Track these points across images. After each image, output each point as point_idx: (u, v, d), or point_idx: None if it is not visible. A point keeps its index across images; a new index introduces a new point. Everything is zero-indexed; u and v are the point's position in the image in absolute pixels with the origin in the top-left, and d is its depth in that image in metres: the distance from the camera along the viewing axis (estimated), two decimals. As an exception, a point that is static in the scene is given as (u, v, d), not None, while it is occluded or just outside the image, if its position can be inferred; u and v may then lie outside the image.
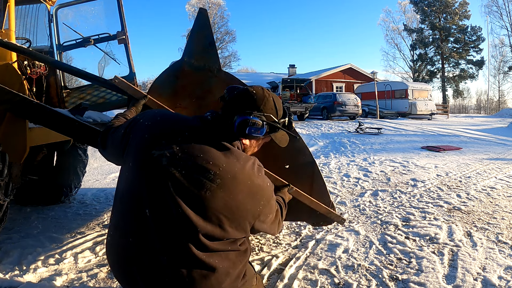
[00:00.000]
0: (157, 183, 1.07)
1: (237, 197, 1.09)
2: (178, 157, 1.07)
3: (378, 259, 2.48)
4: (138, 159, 1.12)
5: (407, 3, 40.21)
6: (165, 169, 1.06)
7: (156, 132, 1.12)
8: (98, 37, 3.75)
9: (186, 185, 1.05)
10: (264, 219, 1.23)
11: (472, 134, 11.28)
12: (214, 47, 2.08)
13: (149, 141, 1.11)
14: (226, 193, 1.06)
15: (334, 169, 5.94)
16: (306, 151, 2.16)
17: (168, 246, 1.09)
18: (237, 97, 1.22)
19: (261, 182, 1.17)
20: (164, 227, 1.09)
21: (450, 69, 38.45)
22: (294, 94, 16.94)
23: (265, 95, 1.24)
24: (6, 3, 2.84)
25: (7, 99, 2.20)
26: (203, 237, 1.08)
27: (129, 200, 1.14)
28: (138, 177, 1.11)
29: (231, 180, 1.07)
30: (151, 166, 1.08)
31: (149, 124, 1.16)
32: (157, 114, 1.21)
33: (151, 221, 1.08)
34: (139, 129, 1.16)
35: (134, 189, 1.12)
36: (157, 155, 1.07)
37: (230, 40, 41.57)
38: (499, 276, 2.17)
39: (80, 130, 2.24)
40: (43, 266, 2.44)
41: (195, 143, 1.09)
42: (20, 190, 3.58)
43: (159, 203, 1.08)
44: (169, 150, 1.07)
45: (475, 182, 4.70)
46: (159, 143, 1.09)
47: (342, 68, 28.97)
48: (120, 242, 1.15)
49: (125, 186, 1.16)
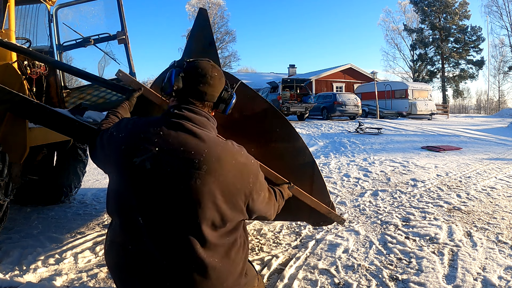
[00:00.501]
0: (146, 188, 1.09)
1: (226, 177, 1.11)
2: (160, 158, 1.08)
3: (378, 259, 2.48)
4: (121, 171, 1.13)
5: (407, 3, 40.25)
6: (150, 172, 1.08)
7: (131, 140, 1.13)
8: (98, 37, 3.75)
9: (175, 180, 1.07)
10: (257, 198, 1.25)
11: (472, 134, 11.28)
12: (214, 47, 2.08)
13: (127, 151, 1.12)
14: (214, 176, 1.08)
15: (334, 169, 5.94)
16: (306, 151, 2.16)
17: (165, 249, 1.10)
18: (196, 77, 1.24)
19: (245, 159, 1.20)
20: (159, 231, 1.10)
21: (450, 69, 38.49)
22: (294, 94, 16.93)
23: (218, 69, 1.30)
24: (6, 3, 2.84)
25: (7, 99, 2.20)
26: (203, 227, 1.09)
27: (122, 211, 1.16)
28: (126, 187, 1.13)
29: (216, 163, 1.09)
30: (136, 174, 1.09)
31: (123, 135, 1.16)
32: (128, 123, 1.21)
33: (145, 228, 1.10)
34: (114, 142, 1.17)
35: (123, 200, 1.14)
36: (139, 162, 1.09)
37: (230, 40, 41.63)
38: (499, 276, 2.17)
39: (80, 130, 2.24)
40: (43, 266, 2.44)
41: (172, 139, 1.10)
42: (20, 190, 3.58)
43: (151, 208, 1.10)
44: (149, 154, 1.09)
45: (475, 182, 4.70)
46: (138, 149, 1.10)
47: (342, 68, 28.98)
48: (119, 251, 1.18)
49: (115, 199, 1.19)
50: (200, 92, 1.22)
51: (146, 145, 1.10)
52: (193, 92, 1.22)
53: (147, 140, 1.11)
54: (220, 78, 1.27)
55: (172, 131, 1.12)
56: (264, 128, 2.11)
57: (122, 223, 1.17)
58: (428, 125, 14.57)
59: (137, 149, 1.10)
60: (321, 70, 30.29)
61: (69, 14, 3.89)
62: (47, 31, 3.83)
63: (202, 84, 1.22)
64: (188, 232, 1.09)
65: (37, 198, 3.96)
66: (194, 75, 1.23)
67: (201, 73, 1.23)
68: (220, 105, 1.29)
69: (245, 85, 2.11)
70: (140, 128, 1.16)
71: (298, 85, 17.43)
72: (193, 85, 1.22)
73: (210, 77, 1.23)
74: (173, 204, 1.08)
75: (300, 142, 2.14)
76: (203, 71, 1.23)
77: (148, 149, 1.09)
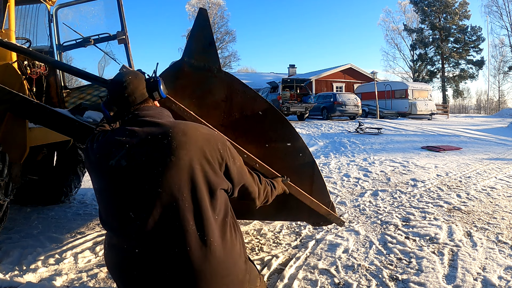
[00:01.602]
0: (129, 184, 1.15)
1: (196, 146, 1.18)
2: (132, 152, 1.15)
3: (378, 259, 2.48)
4: (102, 176, 1.20)
5: (407, 3, 40.24)
6: (128, 168, 1.14)
7: (103, 147, 1.21)
8: (98, 37, 3.75)
9: (153, 166, 1.13)
10: (232, 165, 1.32)
11: (472, 134, 11.28)
12: (214, 47, 2.08)
13: (102, 158, 1.19)
14: (186, 148, 1.16)
15: (334, 169, 5.94)
16: (306, 151, 2.16)
17: (161, 237, 1.14)
18: (118, 89, 1.34)
19: (208, 130, 1.28)
20: (152, 219, 1.14)
21: (450, 69, 38.47)
22: (294, 94, 16.92)
23: (120, 76, 1.40)
24: (6, 3, 2.84)
25: (7, 99, 2.20)
26: (193, 201, 1.14)
27: (113, 214, 1.20)
28: (111, 190, 1.19)
29: (183, 137, 1.17)
30: (117, 174, 1.16)
31: (96, 145, 1.24)
32: (100, 134, 1.30)
33: (138, 221, 1.14)
34: (92, 154, 1.25)
35: (112, 203, 1.19)
36: (115, 163, 1.16)
37: (230, 40, 41.59)
38: (499, 276, 2.17)
39: (80, 130, 2.24)
40: (43, 266, 2.44)
41: (139, 132, 1.18)
42: (20, 190, 3.58)
43: (139, 198, 1.14)
44: (122, 152, 1.16)
45: (475, 182, 4.70)
46: (111, 152, 1.17)
47: (342, 68, 28.96)
48: (117, 252, 1.21)
49: (104, 205, 1.24)
50: (131, 97, 1.31)
51: (117, 146, 1.17)
52: (127, 101, 1.31)
53: (117, 142, 1.18)
54: (136, 76, 1.36)
55: (136, 127, 1.20)
56: (264, 128, 2.11)
57: (115, 225, 1.20)
58: (428, 125, 14.57)
59: (110, 153, 1.18)
60: (321, 70, 30.27)
61: (69, 14, 3.89)
62: (47, 31, 3.83)
63: (125, 92, 1.31)
64: (180, 211, 1.13)
65: (37, 198, 3.96)
66: (115, 91, 1.33)
67: (117, 87, 1.33)
68: (154, 94, 1.36)
69: (245, 85, 2.11)
70: (109, 136, 1.23)
71: (298, 85, 17.42)
72: (122, 98, 1.31)
73: (125, 82, 1.32)
74: (158, 188, 1.13)
75: (300, 142, 2.14)
76: (117, 84, 1.33)
77: (119, 149, 1.17)
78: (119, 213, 1.17)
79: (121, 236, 1.18)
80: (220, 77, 2.07)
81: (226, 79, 2.08)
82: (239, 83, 2.09)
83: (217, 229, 1.19)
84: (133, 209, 1.14)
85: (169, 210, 1.13)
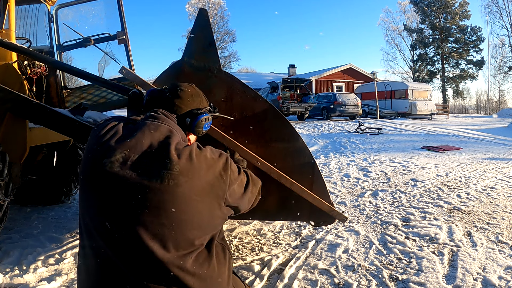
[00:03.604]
0: (113, 192, 1.02)
1: (199, 175, 1.08)
2: (130, 159, 1.03)
3: (378, 259, 2.48)
4: (90, 173, 1.06)
5: (407, 3, 40.26)
6: (119, 174, 1.02)
7: (104, 139, 1.09)
8: (98, 37, 3.76)
9: (146, 183, 1.01)
10: (233, 193, 1.20)
11: (472, 134, 11.28)
12: (214, 47, 2.08)
13: (99, 152, 1.06)
14: (188, 176, 1.05)
15: (334, 169, 5.94)
16: (306, 151, 2.16)
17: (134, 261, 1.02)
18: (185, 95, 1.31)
19: (213, 155, 1.17)
20: (127, 239, 1.01)
21: (450, 69, 38.49)
22: (294, 94, 16.93)
23: (196, 90, 1.38)
24: (6, 3, 2.84)
25: (7, 99, 2.20)
26: (178, 231, 1.03)
27: (91, 214, 1.07)
28: (93, 188, 1.06)
29: (188, 162, 1.07)
30: (107, 176, 1.02)
31: (99, 134, 1.12)
32: (107, 121, 1.19)
33: (115, 234, 1.02)
34: (92, 140, 1.13)
35: (93, 203, 1.06)
36: (108, 163, 1.03)
37: (230, 40, 41.63)
38: (499, 276, 2.17)
39: (80, 130, 2.24)
40: (43, 266, 2.44)
41: (144, 139, 1.07)
42: (20, 190, 3.58)
43: (120, 213, 1.01)
44: (120, 155, 1.04)
45: (475, 182, 4.70)
46: (109, 149, 1.05)
47: (342, 68, 28.98)
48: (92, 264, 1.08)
49: (83, 197, 1.11)
50: (169, 102, 1.27)
51: (118, 145, 1.06)
52: (163, 103, 1.28)
53: (120, 140, 1.07)
54: (193, 95, 1.31)
55: (144, 132, 1.09)
56: (264, 128, 2.11)
57: (90, 226, 1.08)
58: (428, 125, 14.57)
59: (108, 150, 1.05)
60: (321, 70, 30.29)
61: (69, 14, 3.89)
62: (47, 31, 3.83)
63: (172, 95, 1.29)
64: (163, 239, 1.02)
65: (37, 198, 3.96)
66: (169, 88, 1.32)
67: (174, 86, 1.31)
68: (186, 119, 1.28)
69: (246, 85, 2.12)
70: (117, 128, 1.13)
71: (298, 85, 17.43)
72: (163, 99, 1.29)
73: (180, 90, 1.30)
74: (145, 208, 1.01)
75: (300, 142, 2.14)
76: (178, 85, 1.32)
77: (119, 149, 1.05)
78: (96, 215, 1.05)
79: (93, 240, 1.06)
80: (220, 77, 2.07)
81: (226, 79, 2.08)
82: (239, 83, 2.09)
83: (203, 257, 1.09)
84: (110, 220, 1.02)
85: (151, 234, 1.00)
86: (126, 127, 1.14)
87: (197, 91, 1.36)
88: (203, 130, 1.33)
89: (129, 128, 1.13)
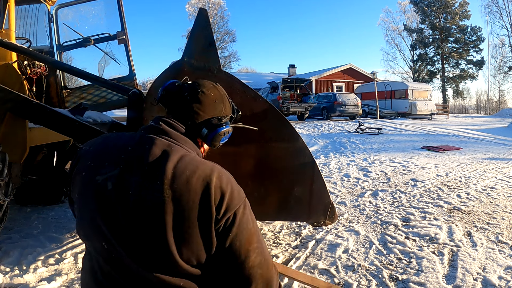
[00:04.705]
0: (109, 212, 0.94)
1: (195, 201, 0.92)
2: (123, 178, 0.94)
3: (378, 259, 2.48)
4: (85, 189, 0.98)
5: (407, 3, 40.26)
6: (112, 194, 0.93)
7: (98, 156, 1.00)
8: (98, 37, 3.76)
9: (137, 206, 0.92)
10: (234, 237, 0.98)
11: (472, 134, 11.28)
12: (214, 47, 2.08)
13: (93, 168, 0.97)
14: (183, 201, 0.91)
15: (334, 169, 5.94)
16: (306, 151, 2.16)
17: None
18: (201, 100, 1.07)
19: (220, 182, 0.96)
20: (125, 265, 0.95)
21: (450, 69, 38.49)
22: (294, 94, 16.93)
23: (221, 94, 1.12)
24: (6, 3, 2.84)
25: (7, 99, 2.20)
26: (173, 261, 0.93)
27: (91, 238, 1.00)
28: (89, 208, 0.97)
29: (185, 185, 0.92)
30: (99, 194, 0.94)
31: (91, 149, 1.03)
32: (101, 137, 1.08)
33: (113, 253, 0.95)
34: (83, 157, 1.03)
35: (90, 225, 0.98)
36: (101, 181, 0.95)
37: (230, 40, 41.60)
38: (499, 276, 2.17)
39: (80, 130, 2.24)
40: (43, 266, 2.44)
41: (140, 156, 0.95)
42: (20, 190, 3.58)
43: (115, 233, 0.93)
44: (112, 172, 0.94)
45: (475, 182, 4.70)
46: (103, 166, 0.96)
47: (342, 68, 28.98)
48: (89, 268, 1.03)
49: (81, 223, 1.01)
50: (186, 106, 1.05)
51: (111, 161, 0.96)
52: (178, 104, 1.06)
53: (113, 156, 0.97)
54: (215, 101, 1.08)
55: (141, 147, 0.96)
56: (264, 128, 2.11)
57: (88, 245, 1.02)
58: (428, 125, 14.57)
59: (101, 166, 0.96)
60: (321, 70, 30.28)
61: (69, 14, 3.90)
62: (47, 31, 3.84)
63: (190, 97, 1.05)
64: (157, 270, 0.93)
65: (37, 198, 3.96)
66: (189, 87, 1.08)
67: (195, 87, 1.07)
68: (203, 130, 1.06)
69: (246, 85, 2.12)
70: (110, 142, 1.03)
71: (298, 85, 17.44)
72: (182, 97, 1.06)
73: (202, 92, 1.06)
74: (139, 231, 0.92)
75: (300, 142, 2.15)
76: (200, 86, 1.07)
77: (112, 167, 0.95)
78: (93, 237, 0.98)
79: (91, 259, 1.01)
80: (220, 77, 2.07)
81: (226, 79, 2.08)
82: (239, 83, 2.09)
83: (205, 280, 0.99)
84: (107, 241, 0.94)
85: (145, 261, 0.93)
86: (119, 140, 1.02)
87: (221, 94, 1.12)
88: (219, 144, 1.12)
89: (125, 142, 1.01)
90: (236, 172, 1.99)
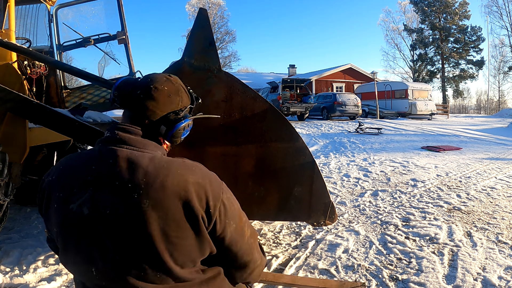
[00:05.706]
0: (92, 238, 0.90)
1: (174, 205, 0.88)
2: (96, 198, 0.89)
3: (378, 259, 2.48)
4: (62, 223, 0.93)
5: (407, 3, 40.23)
6: (90, 218, 0.89)
7: (63, 184, 0.94)
8: (98, 37, 3.76)
9: (117, 224, 0.88)
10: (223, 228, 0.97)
11: (472, 134, 11.28)
12: (214, 47, 2.09)
13: (62, 198, 0.92)
14: (160, 209, 0.87)
15: (334, 169, 5.94)
16: (306, 151, 2.16)
17: None
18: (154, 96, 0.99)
19: (195, 177, 0.93)
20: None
21: (450, 69, 38.47)
22: (294, 94, 16.93)
23: (175, 86, 1.03)
24: (6, 3, 2.84)
25: (7, 99, 2.20)
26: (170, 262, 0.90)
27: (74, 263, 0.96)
28: (70, 238, 0.93)
29: (160, 192, 0.88)
30: (77, 223, 0.90)
31: (54, 179, 0.96)
32: (60, 163, 1.02)
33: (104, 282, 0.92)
34: (49, 190, 0.98)
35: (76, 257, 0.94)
36: (76, 208, 0.90)
37: (230, 40, 41.56)
38: (499, 276, 2.17)
39: (80, 130, 2.24)
40: (43, 266, 2.44)
41: (106, 172, 0.90)
42: (20, 190, 3.58)
43: (101, 257, 0.90)
44: (84, 196, 0.89)
45: (475, 182, 4.70)
46: (72, 193, 0.91)
47: (342, 68, 28.97)
48: None
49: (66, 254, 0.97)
50: (140, 105, 0.97)
51: (79, 186, 0.91)
52: (132, 103, 0.98)
53: (80, 180, 0.91)
54: (169, 95, 0.99)
55: (105, 162, 0.91)
56: (264, 128, 2.11)
57: (76, 275, 0.99)
58: (428, 125, 14.57)
59: (71, 193, 0.91)
60: (321, 70, 30.28)
61: (69, 14, 3.90)
62: (47, 31, 3.84)
63: (143, 95, 0.97)
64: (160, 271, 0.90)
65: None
66: (141, 84, 0.99)
67: (147, 83, 0.98)
68: (161, 127, 0.99)
69: (246, 85, 2.12)
70: (71, 166, 0.97)
71: (298, 85, 17.44)
72: (133, 98, 0.98)
73: (155, 88, 0.97)
74: (124, 250, 0.89)
75: (300, 142, 2.15)
76: (151, 81, 0.99)
77: (82, 191, 0.90)
78: (79, 265, 0.94)
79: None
80: (220, 77, 2.08)
81: (226, 79, 2.09)
82: (239, 83, 2.10)
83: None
84: (94, 266, 0.91)
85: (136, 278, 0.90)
86: (80, 161, 0.97)
87: (175, 87, 1.02)
88: (181, 139, 1.05)
89: (86, 161, 0.95)
90: (236, 172, 2.00)
